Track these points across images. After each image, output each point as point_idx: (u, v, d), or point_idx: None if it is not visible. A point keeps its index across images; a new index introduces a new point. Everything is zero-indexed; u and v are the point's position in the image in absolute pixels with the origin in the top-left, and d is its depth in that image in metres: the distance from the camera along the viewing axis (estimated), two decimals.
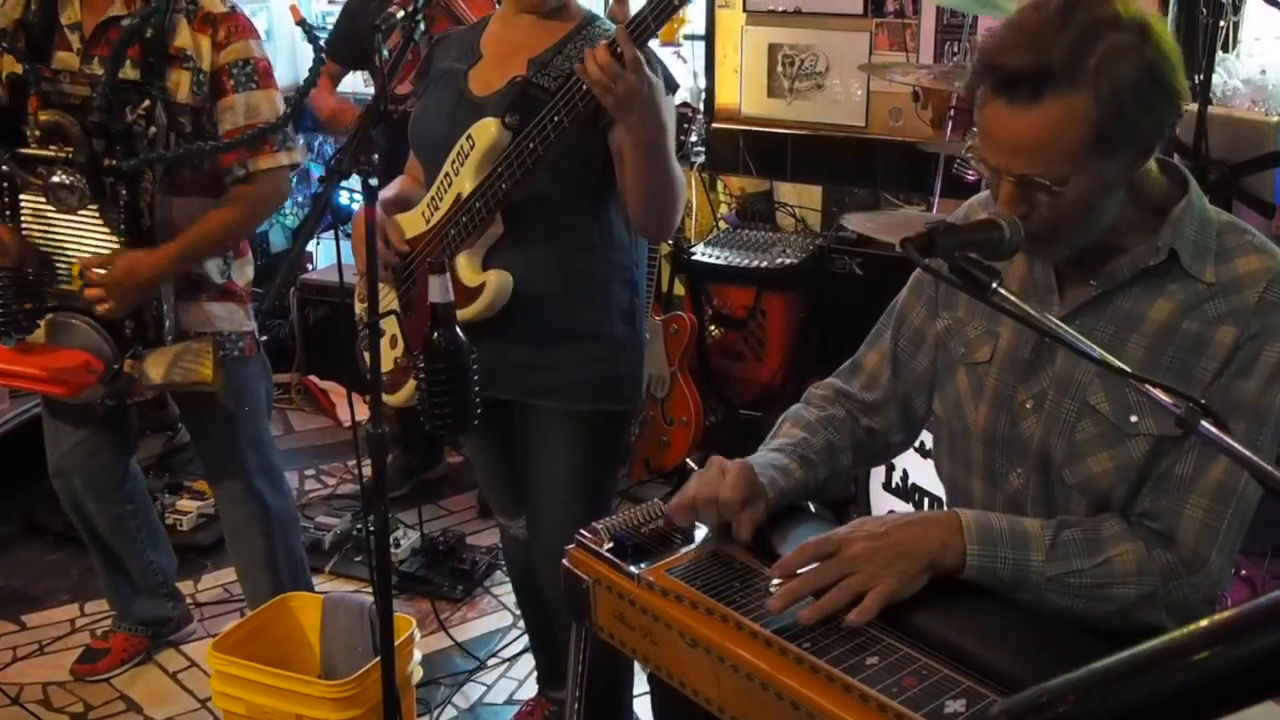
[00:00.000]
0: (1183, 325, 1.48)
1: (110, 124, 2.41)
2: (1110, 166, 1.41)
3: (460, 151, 2.18)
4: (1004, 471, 1.65)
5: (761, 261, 4.04)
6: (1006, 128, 1.41)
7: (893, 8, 4.11)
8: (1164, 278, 1.50)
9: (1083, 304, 1.55)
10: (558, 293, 2.25)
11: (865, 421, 1.83)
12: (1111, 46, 1.35)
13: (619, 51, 1.88)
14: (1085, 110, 1.36)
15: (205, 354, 2.58)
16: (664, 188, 2.11)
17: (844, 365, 1.89)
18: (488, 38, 2.32)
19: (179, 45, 2.48)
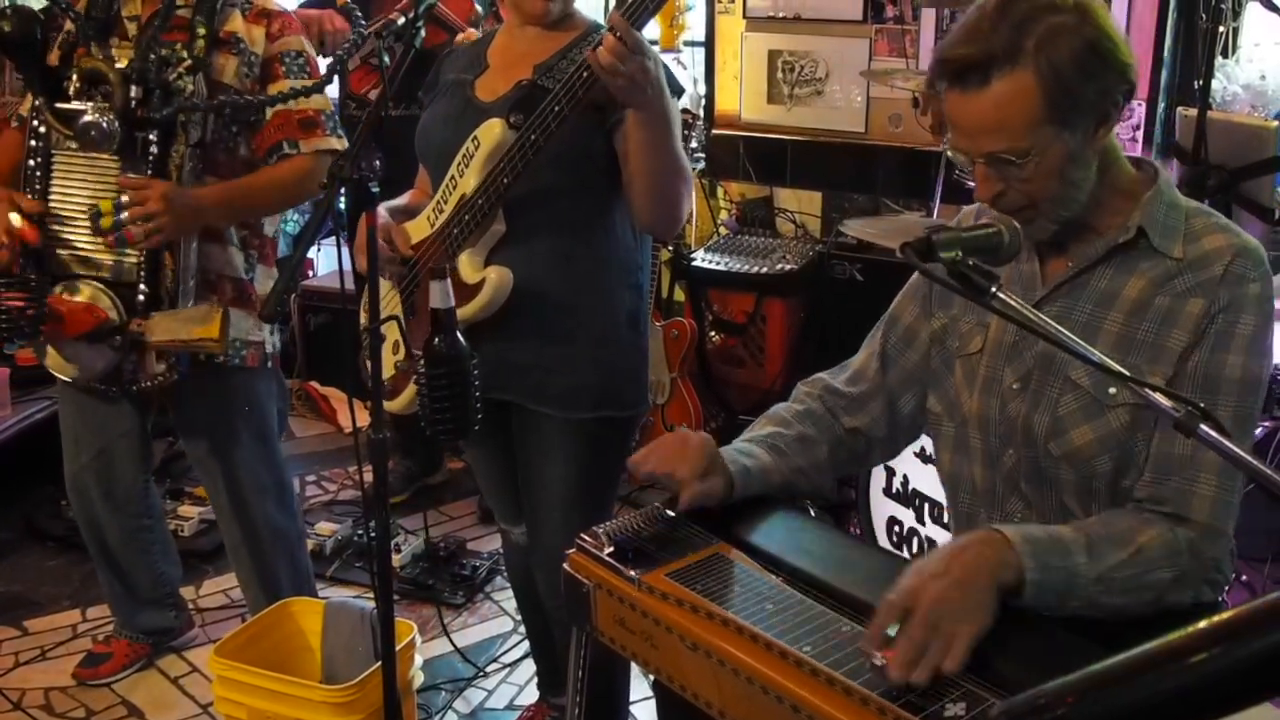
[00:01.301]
0: (1155, 300, 1.58)
1: (148, 72, 2.44)
2: (1069, 136, 1.53)
3: (466, 153, 2.19)
4: (998, 453, 1.70)
5: (761, 267, 4.05)
6: (965, 113, 1.55)
7: (892, 14, 4.12)
8: (1136, 258, 1.61)
9: (1061, 284, 1.65)
10: (560, 290, 2.25)
11: (846, 419, 1.86)
12: (1048, 27, 1.49)
13: (620, 36, 1.89)
14: (1029, 85, 1.49)
15: (214, 314, 2.53)
16: (671, 179, 2.12)
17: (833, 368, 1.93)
18: (494, 49, 2.34)
19: (230, 30, 2.54)
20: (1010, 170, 1.55)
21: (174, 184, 2.48)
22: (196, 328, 2.47)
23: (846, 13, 4.20)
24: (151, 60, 2.46)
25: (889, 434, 1.88)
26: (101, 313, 2.51)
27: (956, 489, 1.82)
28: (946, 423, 1.81)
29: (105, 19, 2.54)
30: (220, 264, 2.63)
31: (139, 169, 2.48)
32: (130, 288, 2.54)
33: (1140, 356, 1.58)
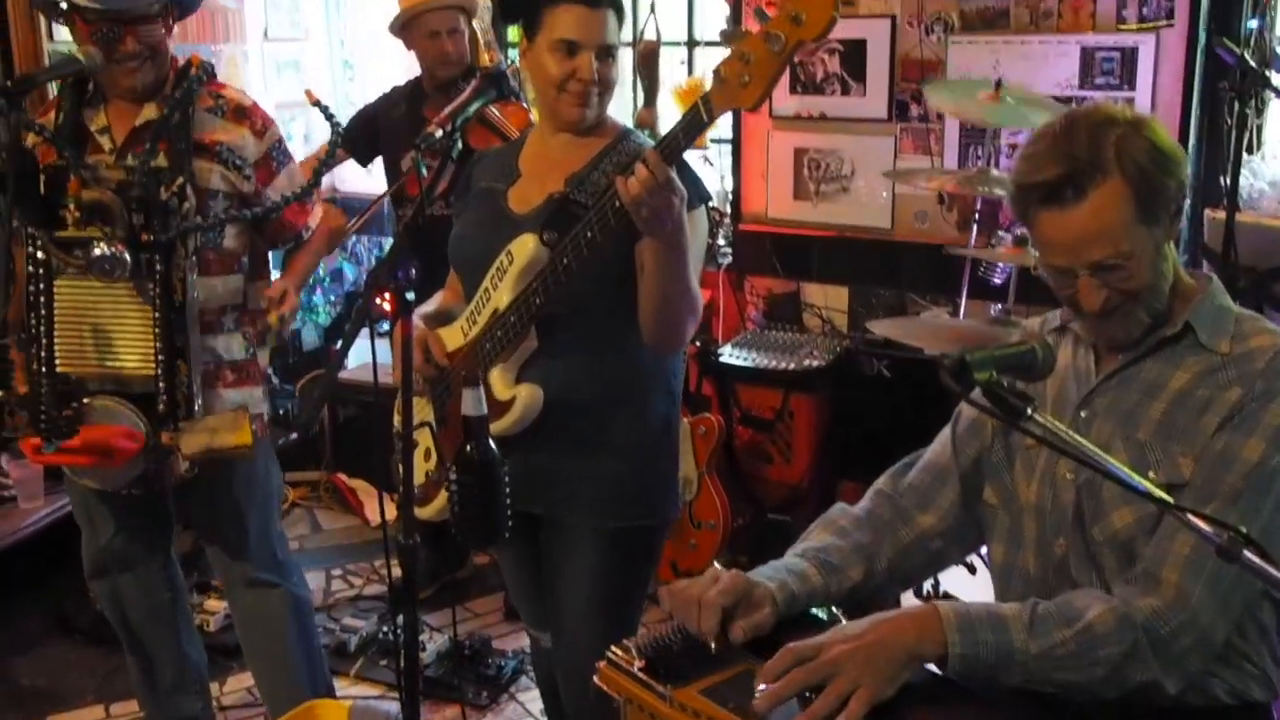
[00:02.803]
0: (1198, 391, 1.65)
1: (148, 199, 2.52)
2: (1156, 230, 1.63)
3: (499, 267, 2.22)
4: (1051, 542, 1.75)
5: (788, 363, 4.06)
6: (1064, 228, 1.62)
7: (916, 112, 4.17)
8: (1182, 352, 1.68)
9: (1111, 375, 1.72)
10: (593, 403, 2.26)
11: (919, 516, 1.87)
12: (1119, 136, 1.60)
13: (652, 170, 1.91)
14: (1121, 190, 1.59)
15: (242, 421, 2.62)
16: (678, 307, 2.14)
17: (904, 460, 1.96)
18: (525, 156, 2.37)
19: (213, 139, 2.64)
20: (1114, 275, 1.62)
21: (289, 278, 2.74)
22: (229, 436, 2.54)
23: (872, 112, 4.25)
24: (148, 184, 2.52)
25: (962, 528, 1.89)
26: (140, 436, 2.57)
27: (1008, 580, 1.84)
28: (1001, 514, 1.84)
29: (74, 136, 2.61)
30: (219, 353, 2.72)
31: (146, 289, 2.56)
32: (149, 399, 2.60)
33: (1178, 441, 1.63)
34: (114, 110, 2.65)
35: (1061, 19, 3.87)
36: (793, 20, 1.75)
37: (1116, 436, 1.68)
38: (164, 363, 2.58)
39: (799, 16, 1.74)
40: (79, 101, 2.65)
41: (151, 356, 2.58)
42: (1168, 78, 3.72)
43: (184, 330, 2.59)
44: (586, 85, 2.20)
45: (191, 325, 2.61)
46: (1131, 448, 1.66)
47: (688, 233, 2.07)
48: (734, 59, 1.83)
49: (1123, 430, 1.68)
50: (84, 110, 2.65)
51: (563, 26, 2.18)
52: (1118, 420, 1.69)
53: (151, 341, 2.57)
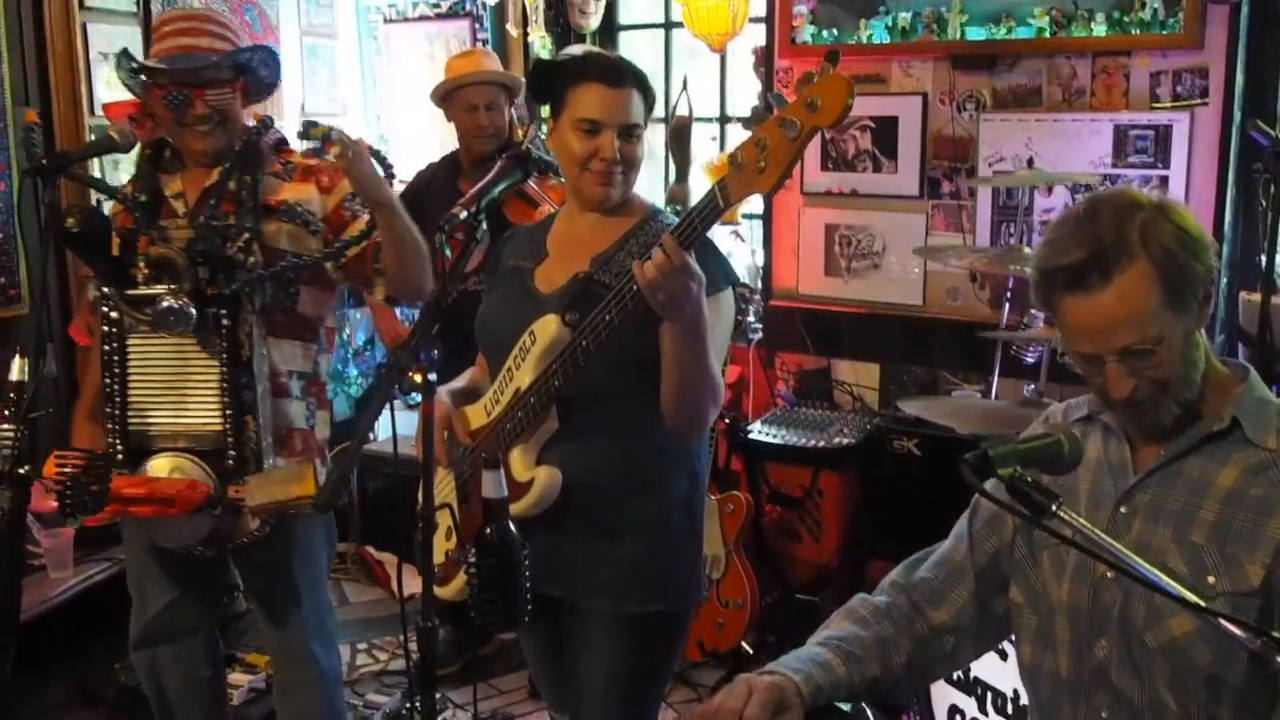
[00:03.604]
0: (1250, 490, 1.58)
1: (212, 253, 2.56)
2: (1186, 317, 1.59)
3: (523, 347, 2.21)
4: (1089, 644, 1.68)
5: (818, 441, 4.02)
6: (1090, 314, 1.58)
7: (948, 189, 4.16)
8: (1229, 447, 1.63)
9: (1153, 470, 1.66)
10: (614, 486, 2.24)
11: (932, 612, 1.83)
12: (1143, 220, 1.57)
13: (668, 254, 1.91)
14: (1148, 273, 1.55)
15: (306, 472, 2.56)
16: (697, 392, 2.12)
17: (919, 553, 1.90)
18: (553, 235, 2.38)
19: (278, 199, 2.69)
20: (1142, 362, 1.58)
21: None
22: (294, 487, 2.51)
23: (903, 188, 4.25)
24: (212, 238, 2.58)
25: (977, 626, 1.84)
26: (205, 488, 2.57)
27: (1037, 682, 1.79)
28: (1029, 614, 1.78)
29: (151, 202, 2.68)
30: (289, 419, 2.74)
31: (213, 344, 2.59)
32: (219, 454, 2.61)
33: (1238, 545, 1.58)
34: (189, 176, 2.71)
35: (1094, 97, 3.87)
36: (809, 107, 1.76)
37: (1166, 538, 1.63)
38: (232, 418, 2.60)
39: (815, 103, 1.75)
40: (157, 168, 2.72)
41: (219, 412, 2.60)
42: (1202, 157, 3.70)
43: (251, 387, 2.61)
44: (609, 164, 2.21)
45: (259, 382, 2.63)
46: (1186, 550, 1.61)
47: (708, 317, 2.06)
48: (750, 144, 1.83)
49: (1174, 532, 1.62)
50: (161, 176, 2.72)
51: (585, 106, 2.20)
52: (1165, 520, 1.64)
53: (220, 396, 2.60)
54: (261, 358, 2.64)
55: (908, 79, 4.21)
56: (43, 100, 4.01)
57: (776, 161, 1.81)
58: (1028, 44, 3.92)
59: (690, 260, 1.92)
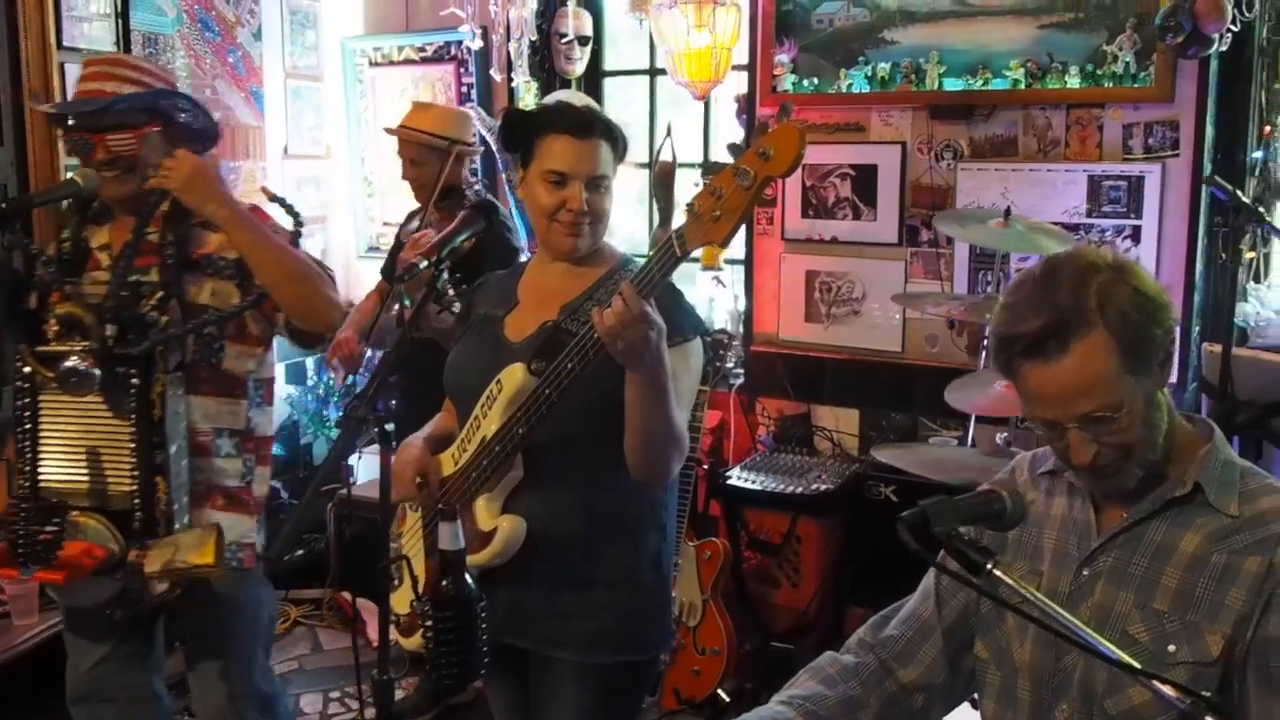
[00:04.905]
0: (1212, 557, 1.58)
1: (122, 311, 2.50)
2: (1146, 381, 1.58)
3: (490, 395, 2.21)
4: (1050, 707, 1.67)
5: (797, 487, 4.01)
6: (1051, 382, 1.57)
7: (926, 237, 4.19)
8: (1192, 512, 1.62)
9: (1116, 534, 1.66)
10: (581, 537, 2.23)
11: (901, 671, 1.82)
12: (1101, 284, 1.56)
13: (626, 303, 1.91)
14: (1107, 340, 1.54)
15: (208, 539, 2.53)
16: (660, 441, 2.11)
17: (888, 608, 1.90)
18: (525, 284, 2.39)
19: (202, 252, 2.61)
20: (1103, 428, 1.57)
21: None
22: (193, 554, 2.48)
23: (882, 236, 4.27)
24: (124, 295, 2.52)
25: (946, 683, 1.83)
26: (100, 552, 2.52)
27: None
28: (993, 671, 1.77)
29: (75, 254, 2.63)
30: (210, 475, 2.66)
31: (122, 405, 2.52)
32: (126, 514, 2.54)
33: (1199, 613, 1.57)
34: (116, 226, 2.66)
35: (1069, 148, 3.91)
36: (762, 156, 1.78)
37: (1129, 603, 1.63)
38: (141, 479, 2.53)
39: (767, 153, 1.78)
40: (84, 218, 2.67)
41: (130, 472, 2.53)
42: (1174, 207, 3.74)
43: (163, 447, 2.54)
44: (576, 215, 2.22)
45: (173, 442, 2.56)
46: (1148, 617, 1.61)
47: (672, 367, 2.06)
48: (706, 194, 1.85)
49: (1137, 598, 1.62)
50: (90, 227, 2.67)
51: (552, 157, 2.21)
52: (1128, 585, 1.64)
53: (130, 456, 2.53)
54: (177, 417, 2.57)
55: (887, 128, 4.24)
56: (17, 139, 3.98)
57: (731, 210, 1.83)
58: (1004, 95, 3.97)
59: (649, 309, 1.93)
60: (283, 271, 2.57)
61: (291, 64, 5.07)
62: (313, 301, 2.61)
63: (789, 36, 4.33)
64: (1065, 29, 3.84)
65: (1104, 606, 1.64)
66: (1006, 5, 3.92)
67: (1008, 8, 3.92)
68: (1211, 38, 3.44)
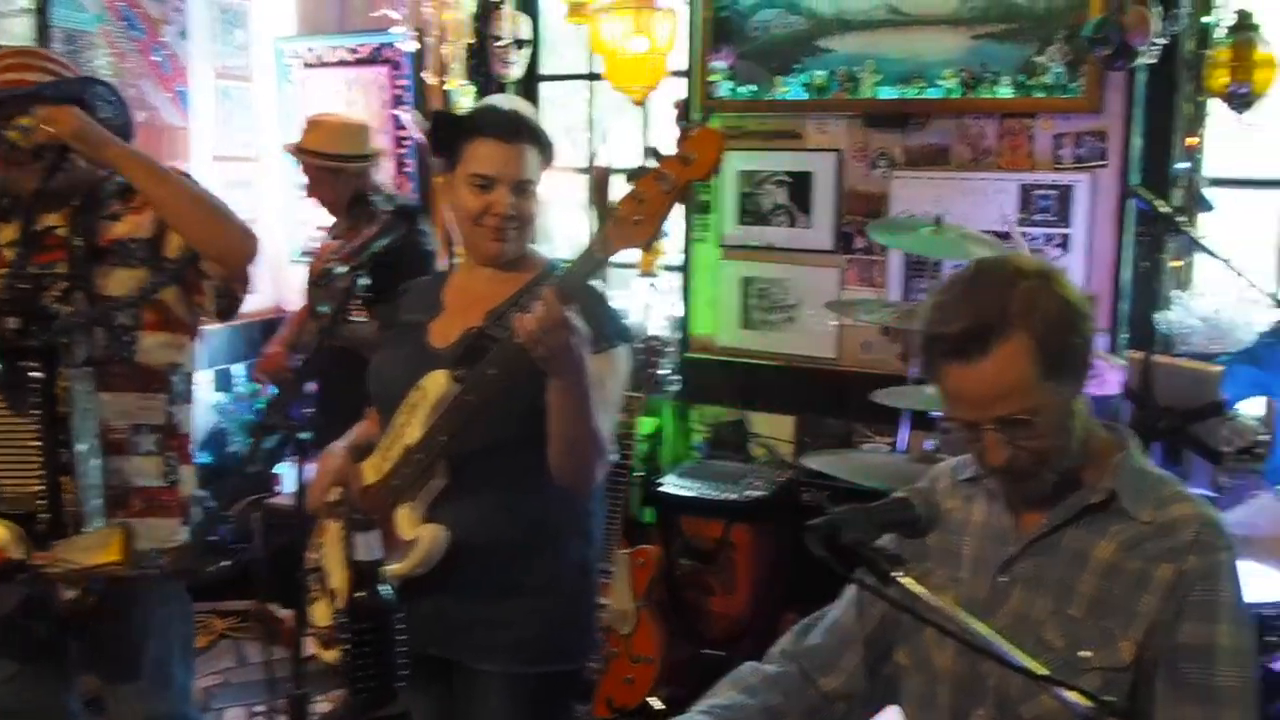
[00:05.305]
0: (1126, 564, 1.62)
1: (22, 302, 2.42)
2: (1064, 388, 1.60)
3: (411, 403, 2.19)
4: (967, 712, 1.68)
5: (731, 493, 4.01)
6: (970, 383, 1.59)
7: (861, 245, 4.20)
8: (1106, 519, 1.65)
9: (1033, 540, 1.68)
10: (505, 544, 2.21)
11: (822, 680, 1.82)
12: (1024, 292, 1.58)
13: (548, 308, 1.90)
14: (1026, 346, 1.56)
15: (113, 538, 2.45)
16: (582, 448, 2.10)
17: (809, 616, 1.90)
18: (450, 289, 2.36)
19: (112, 238, 2.53)
20: (1019, 432, 1.59)
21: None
22: (97, 554, 2.40)
23: (818, 243, 4.28)
24: (24, 287, 2.45)
25: (868, 691, 1.84)
26: (2, 554, 2.42)
27: None
28: (914, 677, 1.78)
29: None
30: (129, 476, 2.57)
31: (24, 401, 2.43)
32: (31, 517, 2.44)
33: (1114, 620, 1.59)
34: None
35: (1001, 157, 3.94)
36: (682, 161, 1.81)
37: (1046, 610, 1.65)
38: (47, 479, 2.44)
39: (688, 157, 1.81)
40: None
41: (33, 473, 2.44)
42: (1102, 217, 3.78)
43: (69, 445, 2.44)
44: (502, 220, 2.20)
45: (82, 440, 2.47)
46: (1063, 623, 1.63)
47: (597, 373, 2.05)
48: (629, 198, 1.86)
49: (1053, 604, 1.64)
50: None
51: (478, 161, 2.20)
52: (1044, 592, 1.65)
53: (33, 456, 2.43)
54: (86, 414, 2.48)
55: (822, 136, 4.25)
56: None
57: (652, 214, 1.85)
58: (937, 104, 3.99)
59: (569, 314, 1.91)
60: (187, 203, 2.50)
61: (220, 64, 4.99)
62: (224, 233, 2.53)
63: (726, 43, 4.33)
64: (998, 39, 3.87)
65: (1021, 613, 1.65)
66: (940, 15, 3.95)
67: (942, 17, 3.95)
68: (1138, 50, 3.48)
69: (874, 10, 4.05)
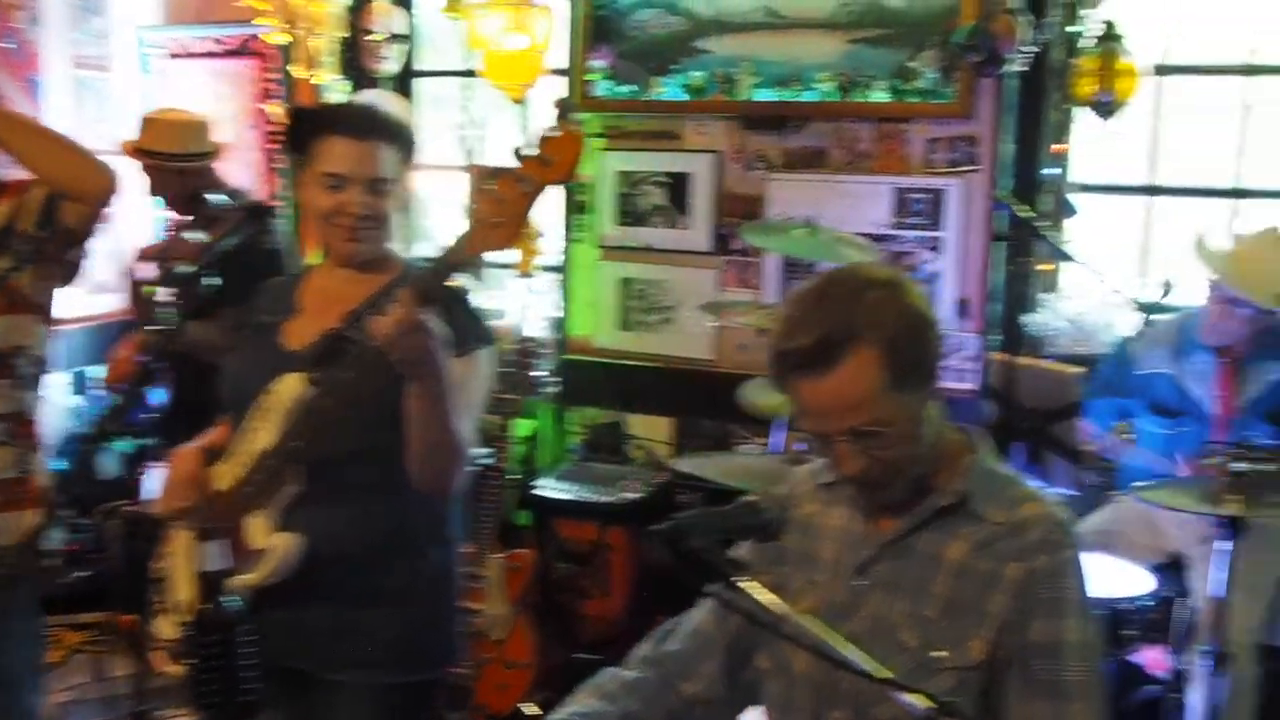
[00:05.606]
0: (978, 564, 1.63)
1: None
2: (911, 399, 1.60)
3: (264, 407, 2.11)
4: (825, 713, 1.69)
5: (607, 496, 3.98)
6: (819, 395, 1.58)
7: (739, 246, 4.20)
8: (958, 521, 1.66)
9: (890, 543, 1.69)
10: (362, 552, 2.14)
11: (683, 685, 1.80)
12: (871, 303, 1.58)
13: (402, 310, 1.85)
14: (876, 357, 1.55)
15: None
16: (440, 453, 2.05)
17: (670, 622, 1.87)
18: (308, 290, 2.29)
19: None
20: (870, 442, 1.59)
21: None
22: None
23: (696, 244, 4.28)
24: None
25: (727, 695, 1.82)
26: None
27: None
28: (774, 681, 1.77)
29: None
30: None
31: None
32: None
33: (966, 620, 1.61)
34: None
35: (876, 160, 3.98)
36: (542, 163, 1.78)
37: (902, 612, 1.65)
38: None
39: (547, 159, 1.78)
40: None
41: None
42: (974, 220, 3.85)
43: None
44: (355, 220, 2.14)
45: None
46: (918, 624, 1.64)
47: (457, 376, 2.01)
48: (489, 200, 1.82)
49: (909, 606, 1.65)
50: None
51: (328, 159, 2.13)
52: (900, 594, 1.66)
53: None
54: None
55: (701, 137, 4.25)
56: None
57: (512, 216, 1.82)
58: (814, 107, 4.02)
59: (426, 317, 1.86)
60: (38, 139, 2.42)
61: (77, 53, 4.78)
62: (78, 164, 2.44)
63: (605, 42, 4.30)
64: (873, 44, 3.91)
65: (878, 615, 1.66)
66: (817, 19, 3.97)
67: (819, 21, 3.97)
68: (1007, 58, 3.54)
69: (752, 12, 4.06)
